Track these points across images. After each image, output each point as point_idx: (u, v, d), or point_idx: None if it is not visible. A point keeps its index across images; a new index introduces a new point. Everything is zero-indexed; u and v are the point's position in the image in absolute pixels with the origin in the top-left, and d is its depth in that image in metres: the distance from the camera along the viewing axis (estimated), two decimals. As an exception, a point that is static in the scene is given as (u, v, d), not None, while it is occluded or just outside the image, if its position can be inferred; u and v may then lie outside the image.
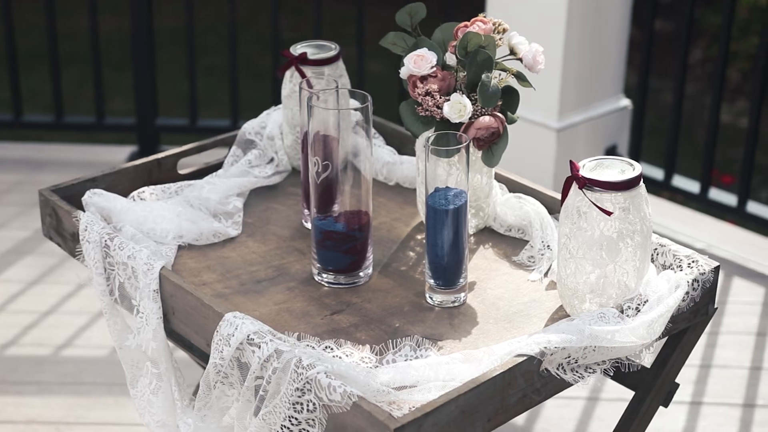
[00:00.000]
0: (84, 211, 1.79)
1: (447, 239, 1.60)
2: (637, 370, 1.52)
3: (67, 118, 3.67)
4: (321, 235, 1.67)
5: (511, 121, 1.71)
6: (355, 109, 1.63)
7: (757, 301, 2.89)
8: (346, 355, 1.51)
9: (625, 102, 3.37)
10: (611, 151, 3.35)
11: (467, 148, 1.57)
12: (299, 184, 1.95)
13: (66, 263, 2.99)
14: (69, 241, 1.79)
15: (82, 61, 4.74)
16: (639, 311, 1.52)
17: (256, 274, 1.71)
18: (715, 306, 1.64)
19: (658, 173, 3.32)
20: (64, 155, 3.61)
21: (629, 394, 2.41)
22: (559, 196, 1.80)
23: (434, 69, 1.70)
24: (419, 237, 1.81)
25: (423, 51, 1.70)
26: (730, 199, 3.20)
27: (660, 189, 3.32)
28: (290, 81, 1.94)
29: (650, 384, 1.63)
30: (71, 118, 3.72)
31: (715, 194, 3.24)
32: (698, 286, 1.59)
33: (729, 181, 4.17)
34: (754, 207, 3.17)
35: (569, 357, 1.45)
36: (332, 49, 1.93)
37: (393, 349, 1.52)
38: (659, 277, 1.57)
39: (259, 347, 1.45)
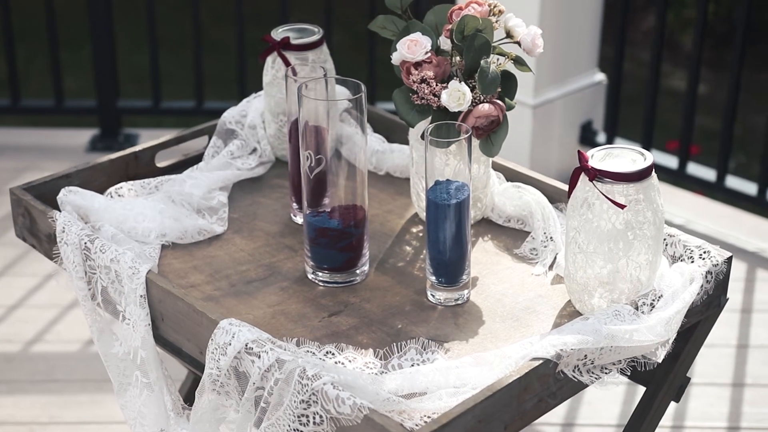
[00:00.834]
0: (59, 210, 1.69)
1: (449, 235, 1.52)
2: (653, 367, 1.45)
3: (24, 102, 3.54)
4: (315, 233, 1.59)
5: (509, 108, 1.64)
6: (350, 100, 1.54)
7: (740, 277, 2.84)
8: (349, 361, 1.43)
9: (600, 76, 3.30)
10: (587, 126, 3.28)
11: (470, 139, 1.49)
12: (285, 176, 1.87)
13: (31, 254, 2.88)
14: (45, 242, 1.69)
15: (30, 37, 4.59)
16: (653, 307, 1.46)
17: (246, 274, 1.63)
18: (727, 297, 1.58)
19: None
20: (21, 140, 3.49)
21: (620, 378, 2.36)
22: (558, 185, 1.73)
23: (429, 54, 1.61)
24: (414, 230, 1.73)
25: (417, 35, 1.62)
26: (708, 174, 3.15)
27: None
28: (272, 67, 1.85)
29: (662, 379, 1.57)
30: (29, 101, 3.60)
31: (694, 169, 3.19)
32: (711, 278, 1.52)
33: (676, 146, 4.07)
34: (732, 182, 3.12)
35: (585, 358, 1.39)
36: (315, 32, 1.85)
37: (398, 352, 1.45)
38: (672, 270, 1.50)
39: (259, 357, 1.37)
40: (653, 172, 1.46)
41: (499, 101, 1.60)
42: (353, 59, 4.15)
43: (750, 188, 3.08)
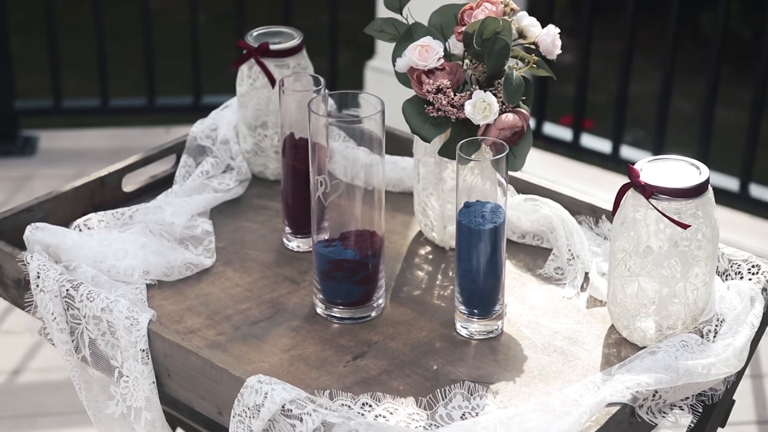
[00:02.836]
0: (25, 249, 1.49)
1: (484, 262, 1.37)
2: (719, 400, 1.34)
3: None
4: (329, 265, 1.42)
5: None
6: (367, 117, 1.38)
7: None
8: (390, 413, 1.28)
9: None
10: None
11: (508, 156, 1.34)
12: (266, 196, 1.69)
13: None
14: (12, 288, 1.49)
15: None
16: (716, 333, 1.34)
17: (249, 314, 1.45)
18: (773, 311, 1.47)
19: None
20: None
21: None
22: (575, 194, 1.60)
23: (442, 61, 1.46)
24: (423, 252, 1.58)
25: (428, 40, 1.46)
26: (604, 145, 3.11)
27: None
28: (248, 76, 1.67)
29: (711, 406, 1.45)
30: None
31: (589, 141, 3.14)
32: (766, 295, 1.41)
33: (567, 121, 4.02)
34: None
35: (659, 397, 1.26)
36: (294, 36, 1.67)
37: (442, 399, 1.30)
38: (729, 291, 1.39)
39: (301, 420, 1.20)
40: (710, 186, 1.34)
41: (523, 110, 1.46)
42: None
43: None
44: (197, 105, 3.32)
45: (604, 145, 3.12)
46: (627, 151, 3.10)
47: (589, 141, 3.15)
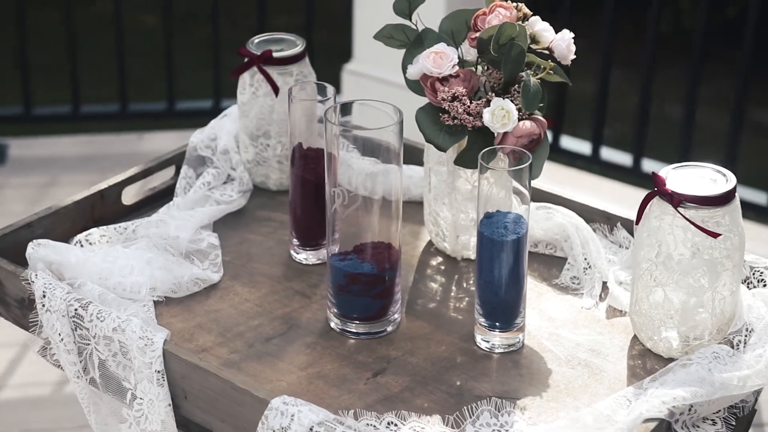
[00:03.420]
0: (26, 266, 1.44)
1: (506, 274, 1.34)
2: (749, 412, 1.31)
3: None
4: (345, 279, 1.38)
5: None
6: (385, 127, 1.34)
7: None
8: (417, 432, 1.24)
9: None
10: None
11: (531, 166, 1.31)
12: (269, 206, 1.65)
13: None
14: (14, 308, 1.44)
15: None
16: (746, 343, 1.32)
17: (261, 331, 1.41)
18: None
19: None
20: None
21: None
22: (587, 201, 1.57)
23: (456, 68, 1.42)
24: (434, 262, 1.54)
25: (442, 46, 1.42)
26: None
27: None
28: (250, 84, 1.62)
29: (741, 417, 1.43)
30: None
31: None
32: (791, 303, 1.39)
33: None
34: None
35: (694, 411, 1.23)
36: (297, 44, 1.63)
37: (469, 417, 1.26)
38: (755, 299, 1.36)
39: (331, 442, 1.16)
40: (737, 192, 1.31)
41: (540, 117, 1.43)
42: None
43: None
44: (171, 111, 3.26)
45: (624, 158, 3.08)
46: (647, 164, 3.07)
47: (610, 154, 3.10)
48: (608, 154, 3.09)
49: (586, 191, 2.98)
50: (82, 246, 1.49)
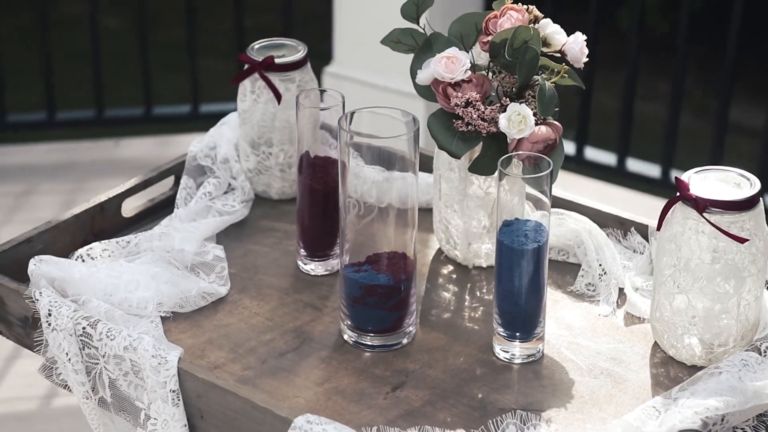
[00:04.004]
0: (28, 283, 1.39)
1: (526, 283, 1.31)
2: (777, 419, 1.29)
3: None
4: (360, 291, 1.35)
5: (552, 126, 1.43)
6: (395, 137, 1.31)
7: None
8: (443, 447, 1.21)
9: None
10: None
11: (552, 173, 1.28)
12: (272, 216, 1.61)
13: None
14: (17, 327, 1.39)
15: None
16: (771, 349, 1.29)
17: (274, 345, 1.37)
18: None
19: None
20: None
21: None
22: (600, 206, 1.54)
23: (469, 73, 1.39)
24: (445, 271, 1.51)
25: (453, 51, 1.39)
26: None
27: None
28: (251, 91, 1.58)
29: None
30: None
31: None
32: (814, 307, 1.37)
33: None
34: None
35: (726, 421, 1.20)
36: (299, 50, 1.59)
37: (495, 431, 1.23)
38: (777, 303, 1.34)
39: (359, 462, 1.13)
40: (761, 197, 1.29)
41: (555, 121, 1.40)
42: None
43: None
44: (148, 116, 3.21)
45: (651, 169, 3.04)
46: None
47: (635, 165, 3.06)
48: (592, 154, 3.09)
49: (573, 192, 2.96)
50: (83, 261, 1.45)
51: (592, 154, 3.09)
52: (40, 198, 3.03)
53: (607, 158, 3.08)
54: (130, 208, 1.58)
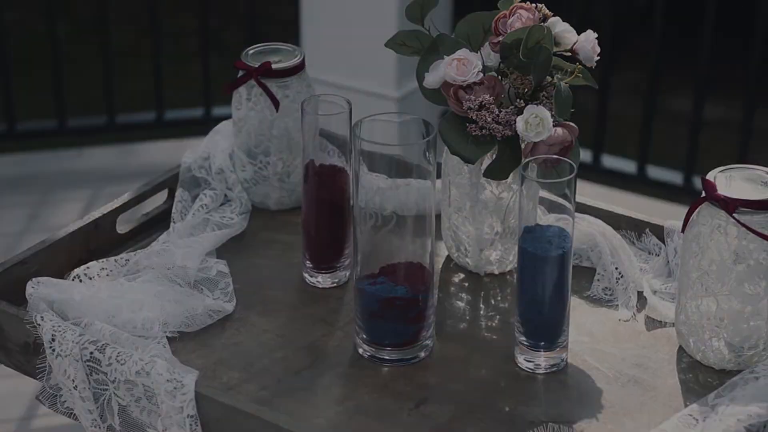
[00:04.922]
0: (25, 306, 1.32)
1: (550, 291, 1.27)
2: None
3: None
4: (377, 304, 1.29)
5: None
6: (418, 142, 1.26)
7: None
8: (476, 465, 1.16)
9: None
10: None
11: (575, 178, 1.24)
12: (271, 227, 1.55)
13: None
14: (17, 353, 1.32)
15: None
16: (803, 351, 1.26)
17: (288, 363, 1.32)
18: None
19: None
20: None
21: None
22: (611, 207, 1.51)
23: (480, 75, 1.35)
24: (456, 279, 1.46)
25: (464, 53, 1.35)
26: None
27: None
28: (247, 99, 1.53)
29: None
30: None
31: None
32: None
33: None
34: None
35: (766, 428, 1.17)
36: (295, 54, 1.54)
37: (528, 446, 1.19)
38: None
39: (396, 485, 1.08)
40: (789, 195, 1.26)
41: (571, 123, 1.36)
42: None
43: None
44: (111, 125, 3.14)
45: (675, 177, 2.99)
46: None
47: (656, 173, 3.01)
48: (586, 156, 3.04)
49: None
50: (81, 281, 1.39)
51: (586, 156, 3.03)
52: (2, 212, 2.94)
53: (611, 162, 3.04)
54: (124, 224, 1.52)
